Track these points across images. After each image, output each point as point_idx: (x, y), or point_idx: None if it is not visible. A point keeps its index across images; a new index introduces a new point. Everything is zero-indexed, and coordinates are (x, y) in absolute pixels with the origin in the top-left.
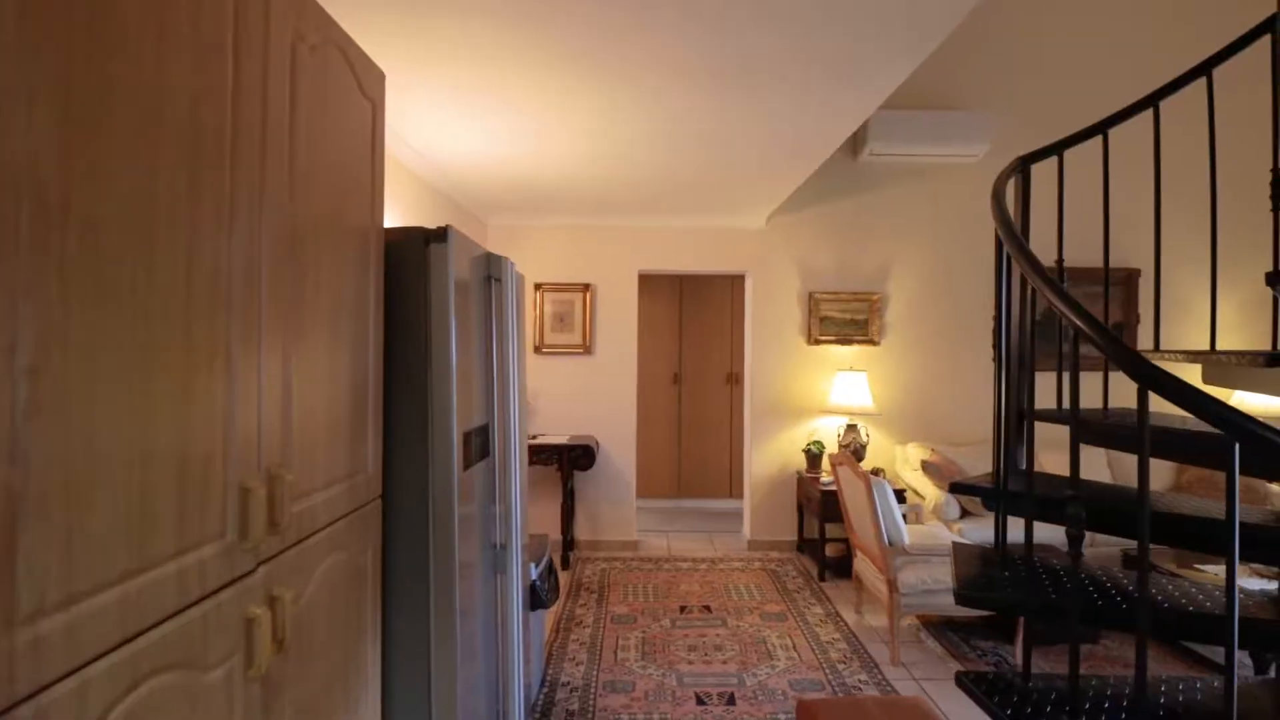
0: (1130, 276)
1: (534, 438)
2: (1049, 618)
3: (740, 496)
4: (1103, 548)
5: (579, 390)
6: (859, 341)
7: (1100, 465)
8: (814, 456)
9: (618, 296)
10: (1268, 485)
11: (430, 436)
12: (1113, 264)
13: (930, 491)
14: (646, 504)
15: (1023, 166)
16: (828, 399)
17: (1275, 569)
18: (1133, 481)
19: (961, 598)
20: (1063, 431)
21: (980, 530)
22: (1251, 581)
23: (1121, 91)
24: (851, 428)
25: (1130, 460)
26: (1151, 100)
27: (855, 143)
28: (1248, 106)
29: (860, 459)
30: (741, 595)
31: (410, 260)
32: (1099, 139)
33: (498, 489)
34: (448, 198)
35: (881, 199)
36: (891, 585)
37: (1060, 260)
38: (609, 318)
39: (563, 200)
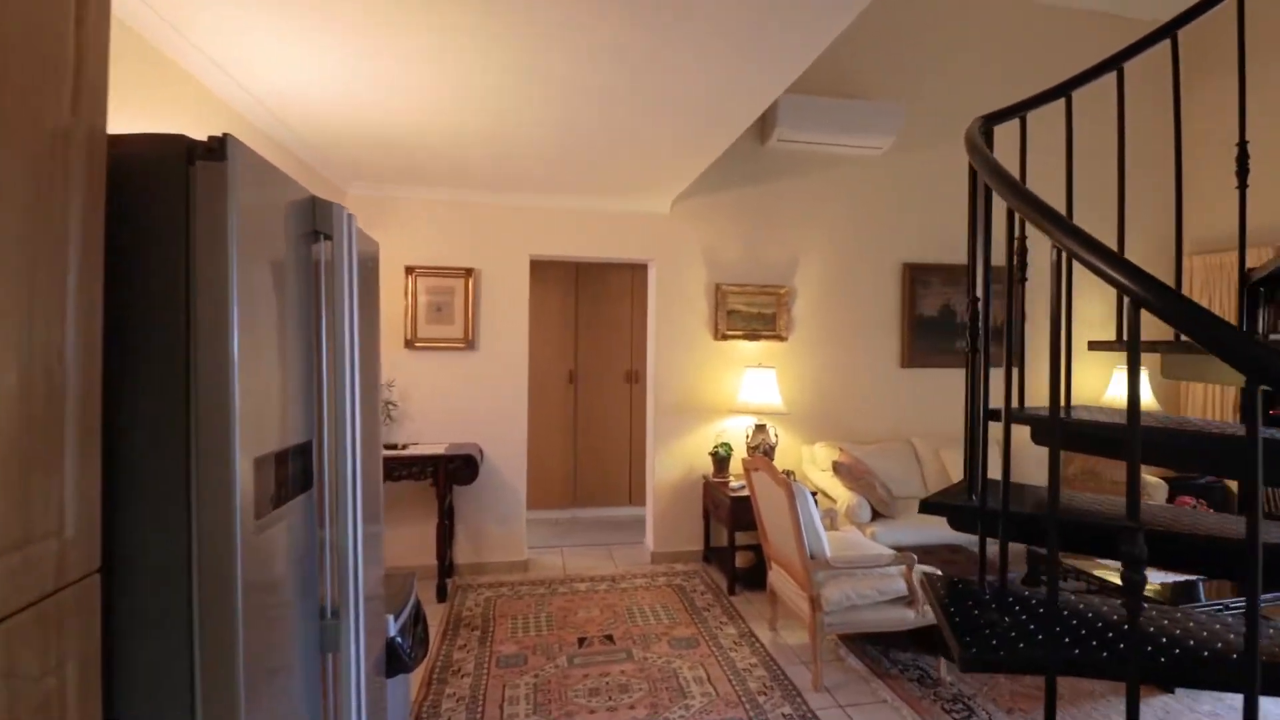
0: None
1: (403, 448)
2: (1097, 677)
3: (642, 504)
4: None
5: (460, 392)
6: (767, 337)
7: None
8: (721, 459)
9: (506, 284)
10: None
11: (192, 467)
12: (1000, 263)
13: (841, 493)
14: (539, 516)
15: (985, 126)
16: (736, 398)
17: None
18: (1026, 480)
19: (973, 662)
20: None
21: (892, 533)
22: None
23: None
24: (760, 428)
25: (1031, 460)
26: (1064, 89)
27: (763, 127)
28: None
29: (771, 458)
30: (648, 619)
31: (162, 190)
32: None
33: (327, 534)
34: (290, 154)
35: (789, 189)
36: (814, 603)
37: (1022, 236)
38: (495, 308)
39: (442, 169)
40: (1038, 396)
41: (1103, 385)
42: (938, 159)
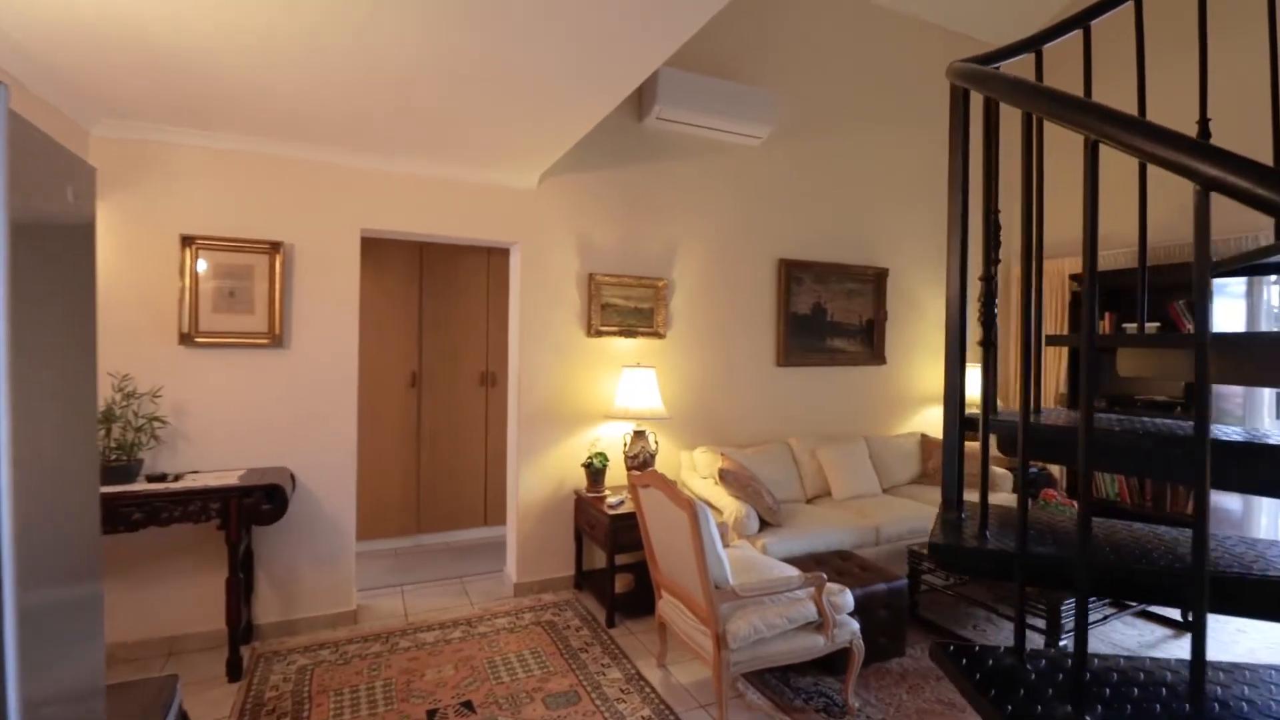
0: (880, 276)
1: (174, 479)
2: None
3: (500, 524)
4: (886, 545)
5: (263, 402)
6: (644, 334)
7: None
8: (596, 472)
9: (329, 265)
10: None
11: None
12: (864, 263)
13: (728, 504)
14: (373, 548)
15: (966, 61)
16: (612, 402)
17: None
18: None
19: None
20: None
21: (783, 543)
22: None
23: (890, 96)
24: (639, 435)
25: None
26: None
27: (641, 102)
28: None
29: (648, 466)
30: (515, 672)
31: None
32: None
33: None
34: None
35: (668, 173)
36: (720, 640)
37: (996, 211)
38: (314, 295)
39: (237, 109)
40: (934, 394)
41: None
42: (812, 155)
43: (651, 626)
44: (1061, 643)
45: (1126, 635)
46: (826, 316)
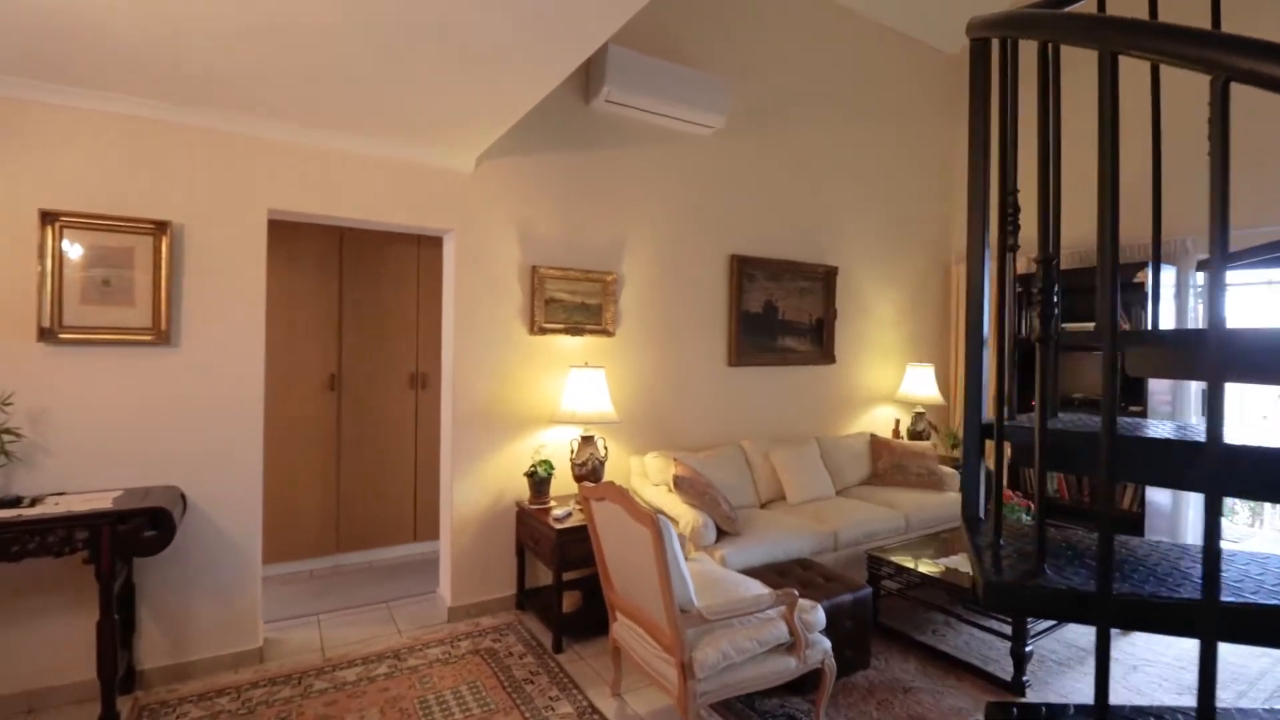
0: (830, 274)
1: (29, 504)
2: None
3: (432, 539)
4: (844, 551)
5: (146, 409)
6: (592, 331)
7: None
8: (541, 481)
9: (228, 250)
10: (911, 443)
11: None
12: (814, 261)
13: (683, 512)
14: (285, 572)
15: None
16: (559, 405)
17: None
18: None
19: None
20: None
21: (742, 553)
22: None
23: (837, 96)
24: (588, 440)
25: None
26: None
27: (589, 82)
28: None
29: (597, 479)
30: (451, 712)
31: None
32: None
33: None
34: None
35: (617, 161)
36: (686, 670)
37: (1014, 191)
38: (210, 284)
39: (113, 63)
40: (881, 394)
41: (896, 384)
42: (764, 149)
43: (603, 649)
44: (1028, 647)
45: (1078, 632)
46: (778, 315)
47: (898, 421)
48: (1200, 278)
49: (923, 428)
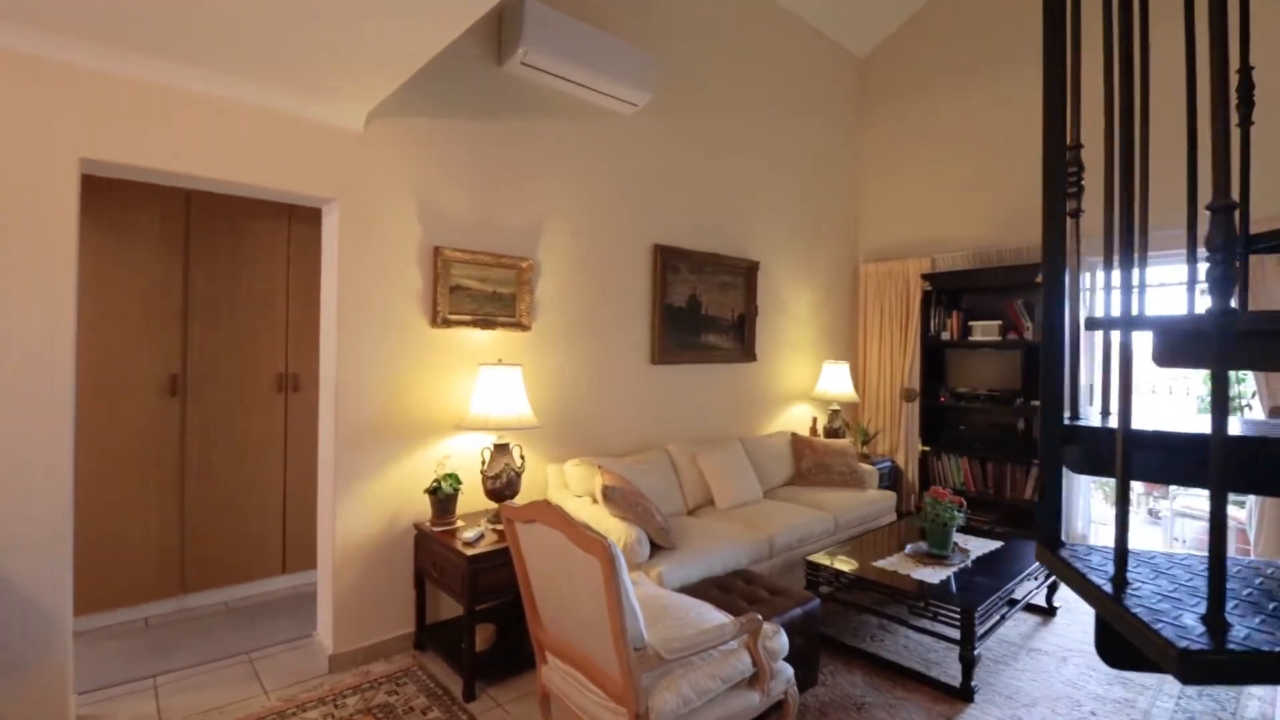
0: (752, 269)
1: None
2: None
3: (309, 571)
4: (779, 557)
5: None
6: (506, 324)
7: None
8: (446, 499)
9: (17, 207)
10: (831, 441)
11: None
12: (736, 255)
13: (613, 527)
14: (108, 622)
15: None
16: (467, 409)
17: None
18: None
19: None
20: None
21: (679, 569)
22: None
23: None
24: (502, 449)
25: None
26: None
27: (503, 42)
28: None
29: (513, 493)
30: None
31: None
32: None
33: None
34: None
35: (534, 133)
36: None
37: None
38: None
39: None
40: (798, 392)
41: (811, 382)
42: (689, 135)
43: (527, 692)
44: (976, 651)
45: (1007, 628)
46: (701, 310)
47: (815, 420)
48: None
49: (839, 425)
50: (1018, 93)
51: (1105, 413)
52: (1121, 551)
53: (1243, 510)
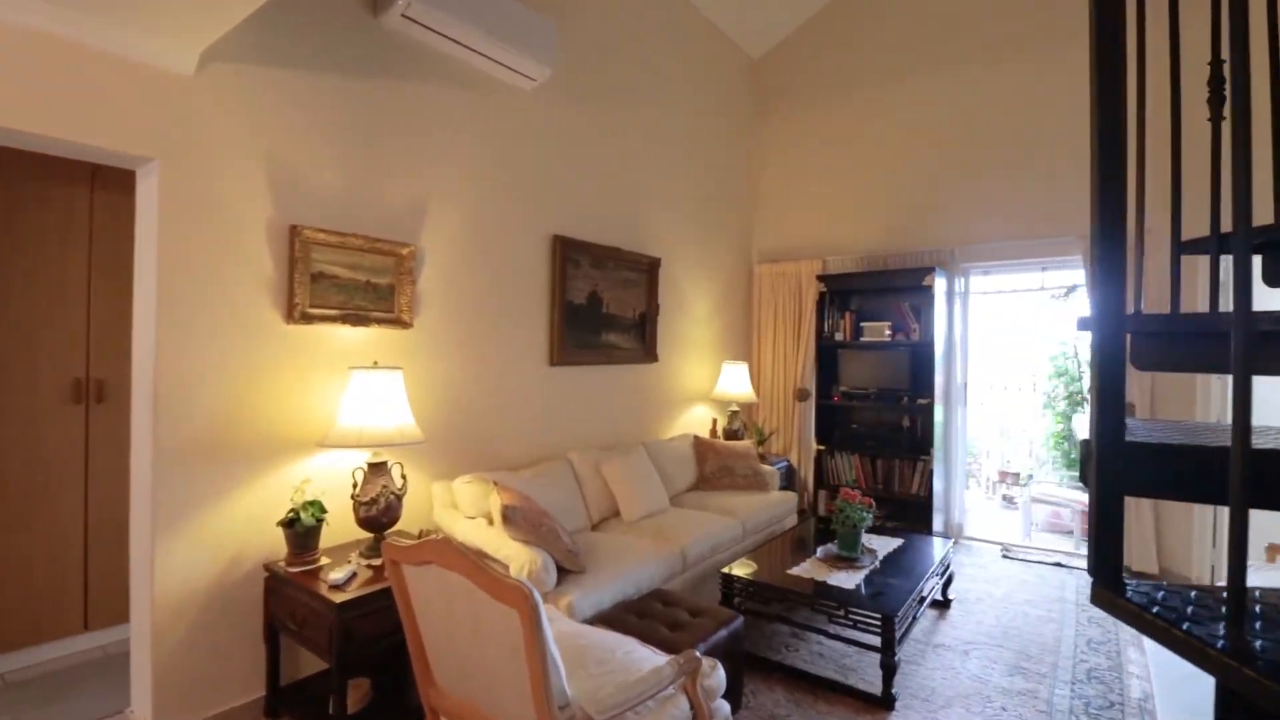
0: (653, 265)
1: None
2: None
3: (119, 627)
4: (693, 570)
5: None
6: (382, 320)
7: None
8: (306, 532)
9: None
10: (733, 444)
11: None
12: (637, 250)
13: (515, 553)
14: None
15: None
16: (334, 421)
17: None
18: None
19: None
20: None
21: (591, 595)
22: None
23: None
24: (378, 468)
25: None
26: None
27: None
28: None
29: (392, 521)
30: None
31: None
32: None
33: None
34: None
35: (418, 100)
36: None
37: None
38: None
39: None
40: (697, 393)
41: (710, 382)
42: (591, 120)
43: None
44: (896, 657)
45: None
46: (603, 307)
47: (715, 421)
48: (962, 283)
49: (739, 426)
50: (902, 102)
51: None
52: (1237, 602)
53: (1087, 494)
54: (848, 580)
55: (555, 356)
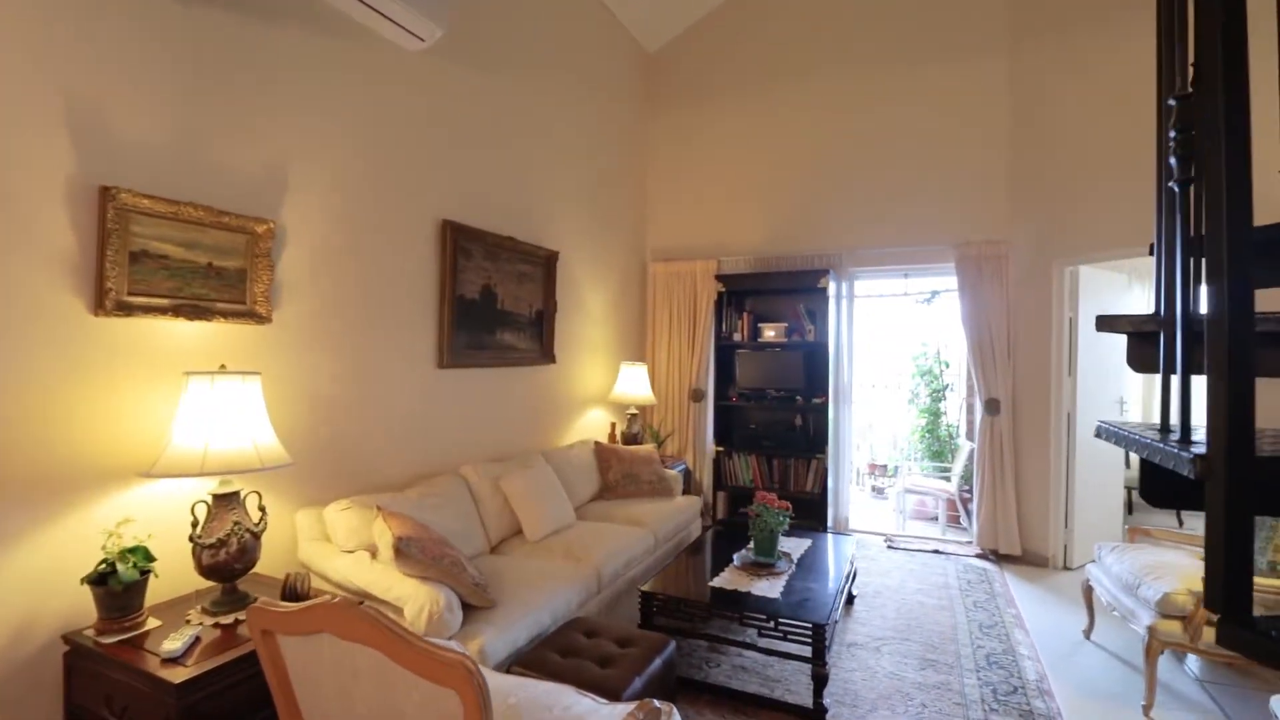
0: (550, 259)
1: None
2: None
3: None
4: (609, 590)
5: None
6: (231, 313)
7: None
8: (124, 591)
9: None
10: (633, 449)
11: None
12: (534, 242)
13: (411, 593)
14: None
15: None
16: (165, 443)
17: None
18: None
19: None
20: None
21: (505, 636)
22: None
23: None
24: (226, 500)
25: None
26: None
27: None
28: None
29: (248, 566)
30: None
31: None
32: None
33: None
34: None
35: (284, 43)
36: None
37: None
38: None
39: None
40: (595, 396)
41: (608, 385)
42: (485, 96)
43: None
44: (827, 666)
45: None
46: (497, 304)
47: (614, 425)
48: (844, 287)
49: (638, 430)
50: (793, 105)
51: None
52: None
53: (950, 483)
54: (770, 589)
55: (445, 358)
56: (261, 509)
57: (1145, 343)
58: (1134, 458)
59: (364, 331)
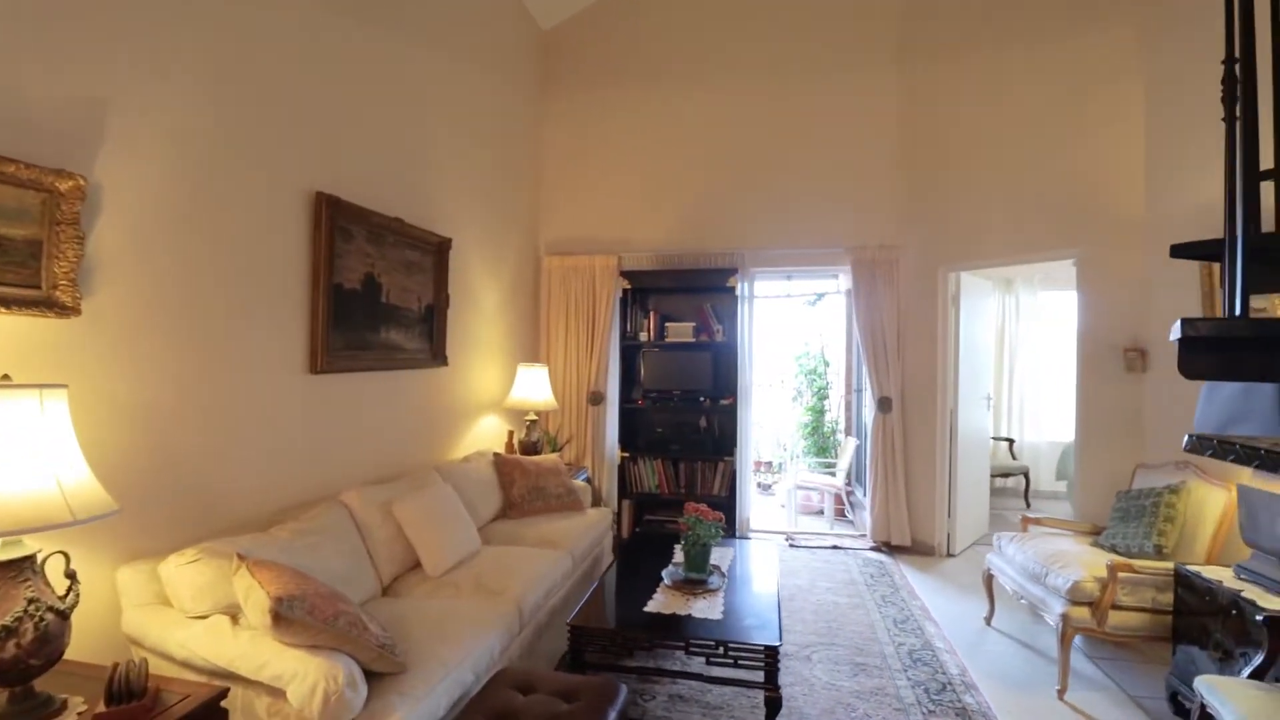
0: (443, 247)
1: None
2: None
3: None
4: (530, 626)
5: None
6: (16, 300)
7: None
8: None
9: None
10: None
11: None
12: (424, 226)
13: (297, 667)
14: None
15: None
16: None
17: None
18: None
19: None
20: None
21: (422, 706)
22: None
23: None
24: (17, 568)
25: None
26: None
27: None
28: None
29: (51, 660)
30: None
31: None
32: None
33: None
34: None
35: None
36: None
37: None
38: None
39: None
40: (489, 401)
41: (503, 389)
42: (373, 51)
43: None
44: (780, 689)
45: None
46: (382, 295)
47: (511, 434)
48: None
49: (538, 438)
50: (697, 96)
51: None
52: None
53: (836, 478)
54: (710, 609)
55: (319, 361)
56: (70, 574)
57: (1199, 351)
58: (1001, 448)
59: (214, 328)
